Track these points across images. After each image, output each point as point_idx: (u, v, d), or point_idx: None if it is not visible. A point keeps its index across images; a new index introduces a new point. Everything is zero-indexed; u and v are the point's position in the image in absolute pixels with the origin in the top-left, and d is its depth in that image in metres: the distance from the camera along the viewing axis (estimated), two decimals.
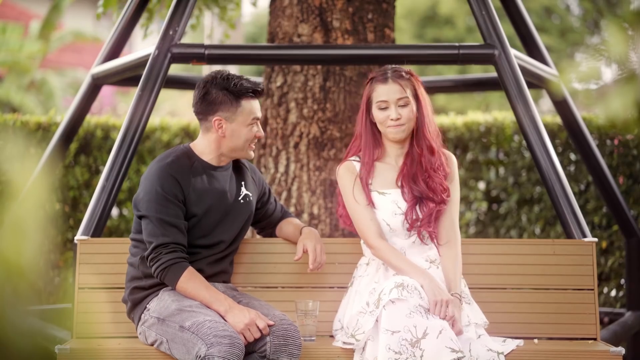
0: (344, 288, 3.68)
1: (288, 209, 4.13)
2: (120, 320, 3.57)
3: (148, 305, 3.38)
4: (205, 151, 3.46)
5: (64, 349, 3.35)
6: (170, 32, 4.22)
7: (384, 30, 4.98)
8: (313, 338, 3.49)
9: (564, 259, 3.71)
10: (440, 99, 17.68)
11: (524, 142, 6.05)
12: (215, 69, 3.54)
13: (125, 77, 4.87)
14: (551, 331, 3.68)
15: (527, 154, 6.26)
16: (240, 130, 3.42)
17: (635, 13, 1.70)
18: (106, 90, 13.20)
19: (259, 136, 3.47)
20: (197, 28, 6.19)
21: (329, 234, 4.82)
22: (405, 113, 3.49)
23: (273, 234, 3.76)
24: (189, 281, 3.29)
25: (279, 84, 4.97)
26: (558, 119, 6.02)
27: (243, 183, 3.55)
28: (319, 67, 4.88)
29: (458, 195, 3.58)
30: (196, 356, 3.11)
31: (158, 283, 3.37)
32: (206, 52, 4.21)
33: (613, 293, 5.86)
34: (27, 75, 13.89)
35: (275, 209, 3.72)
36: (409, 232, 3.49)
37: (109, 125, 6.37)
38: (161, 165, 3.37)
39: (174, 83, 5.68)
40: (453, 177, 3.58)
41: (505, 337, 3.47)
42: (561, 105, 5.09)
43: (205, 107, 3.41)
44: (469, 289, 3.56)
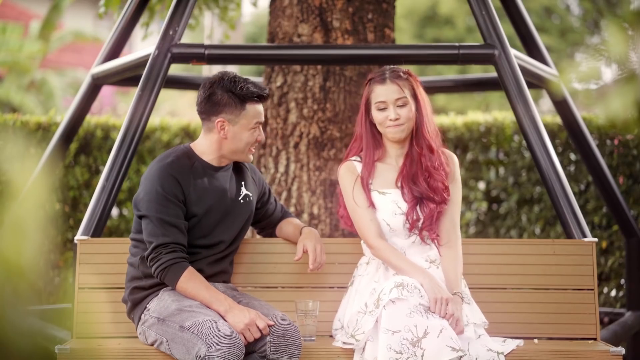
0: (344, 288, 3.68)
1: (288, 209, 4.13)
2: (120, 320, 3.57)
3: (148, 305, 3.38)
4: (206, 151, 3.46)
5: (64, 349, 3.35)
6: (170, 32, 4.22)
7: (384, 30, 4.98)
8: (313, 338, 3.49)
9: (564, 259, 3.71)
10: (440, 99, 17.68)
11: (524, 142, 6.05)
12: (215, 69, 3.53)
13: (125, 77, 4.87)
14: (551, 331, 3.68)
15: (527, 154, 6.26)
16: (242, 133, 3.41)
17: (635, 13, 1.70)
18: (106, 90, 13.20)
19: (260, 140, 3.47)
20: (197, 28, 6.19)
21: (329, 234, 4.82)
22: (404, 113, 3.49)
23: (273, 234, 3.76)
24: (189, 281, 3.29)
25: (279, 84, 4.97)
26: (558, 119, 6.02)
27: (243, 183, 3.55)
28: (319, 67, 4.88)
29: (459, 196, 3.58)
30: (196, 356, 3.11)
31: (158, 283, 3.37)
32: (206, 52, 4.21)
33: (613, 293, 5.86)
34: (27, 75, 13.89)
35: (276, 209, 3.72)
36: (409, 232, 3.49)
37: (109, 125, 6.37)
38: (161, 165, 3.37)
39: (174, 83, 5.68)
40: (454, 177, 3.58)
41: (505, 337, 3.47)
42: (561, 105, 5.09)
43: (210, 108, 3.41)
44: (469, 289, 3.56)
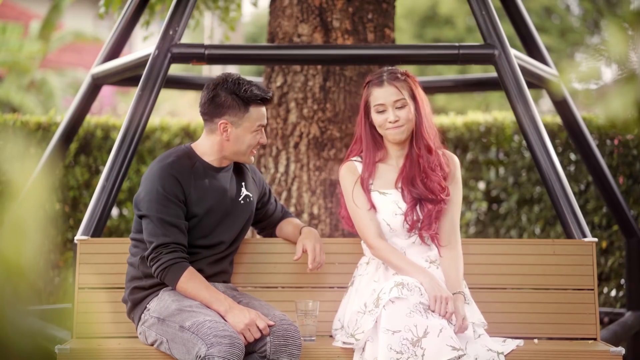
0: (344, 288, 3.68)
1: (288, 209, 4.13)
2: (120, 320, 3.57)
3: (148, 305, 3.38)
4: (207, 152, 3.46)
5: (64, 349, 3.35)
6: (170, 32, 4.22)
7: (384, 30, 4.98)
8: (313, 338, 3.49)
9: (564, 259, 3.71)
10: (440, 99, 17.68)
11: (524, 142, 6.05)
12: (215, 69, 3.54)
13: (125, 77, 4.87)
14: (551, 331, 3.68)
15: (527, 154, 6.26)
16: (244, 135, 3.42)
17: (635, 13, 1.70)
18: (106, 90, 13.20)
19: (262, 142, 3.47)
20: (197, 28, 6.19)
21: (329, 234, 4.82)
22: (403, 114, 3.49)
23: (273, 234, 3.76)
24: (189, 281, 3.29)
25: (279, 84, 4.97)
26: (558, 119, 6.02)
27: (243, 184, 3.55)
28: (319, 67, 4.88)
29: (459, 197, 3.58)
30: (196, 356, 3.11)
31: (158, 283, 3.37)
32: (206, 52, 4.21)
33: (613, 293, 5.86)
34: (27, 75, 13.89)
35: (276, 209, 3.72)
36: (409, 233, 3.50)
37: (109, 125, 6.37)
38: (162, 165, 3.37)
39: (174, 83, 5.68)
40: (453, 178, 3.57)
41: (505, 337, 3.47)
42: (561, 105, 5.09)
43: (213, 109, 3.41)
44: (469, 289, 3.56)
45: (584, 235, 3.80)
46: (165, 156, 3.42)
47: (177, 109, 16.72)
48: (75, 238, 3.75)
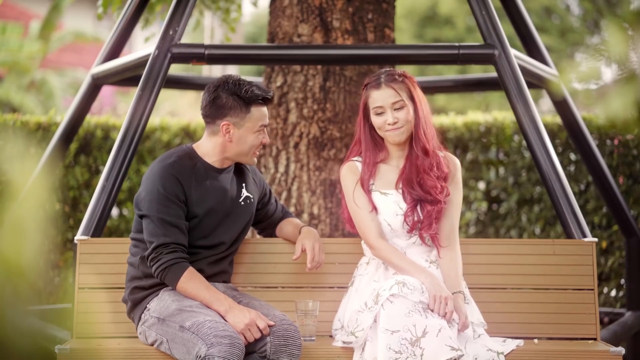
0: (344, 288, 3.68)
1: (288, 209, 4.13)
2: (120, 320, 3.57)
3: (148, 305, 3.38)
4: (209, 153, 3.46)
5: (64, 349, 3.35)
6: (170, 32, 4.22)
7: (384, 30, 4.98)
8: (313, 338, 3.49)
9: (564, 259, 3.71)
10: (440, 99, 17.68)
11: (524, 142, 6.05)
12: (215, 69, 3.54)
13: (125, 77, 4.87)
14: (551, 331, 3.68)
15: (527, 154, 6.26)
16: (247, 136, 3.42)
17: (635, 13, 1.70)
18: (106, 90, 13.20)
19: (265, 143, 3.47)
20: (197, 28, 6.19)
21: (329, 234, 4.82)
22: (401, 116, 3.49)
23: (273, 234, 3.76)
24: (189, 281, 3.29)
25: (279, 84, 4.97)
26: (558, 119, 6.02)
27: (244, 185, 3.55)
28: (319, 67, 4.88)
29: (460, 199, 3.58)
30: (196, 356, 3.11)
31: (158, 283, 3.37)
32: (206, 52, 4.21)
33: (613, 293, 5.86)
34: (27, 75, 13.89)
35: (276, 209, 3.72)
36: (409, 234, 3.50)
37: (109, 125, 6.37)
38: (163, 165, 3.37)
39: (174, 83, 5.68)
40: (453, 179, 3.57)
41: (505, 337, 3.47)
42: (561, 105, 5.09)
43: (215, 111, 3.41)
44: (469, 289, 3.56)
45: (584, 235, 3.80)
46: (167, 156, 3.42)
47: (177, 109, 16.72)
48: (75, 238, 3.75)
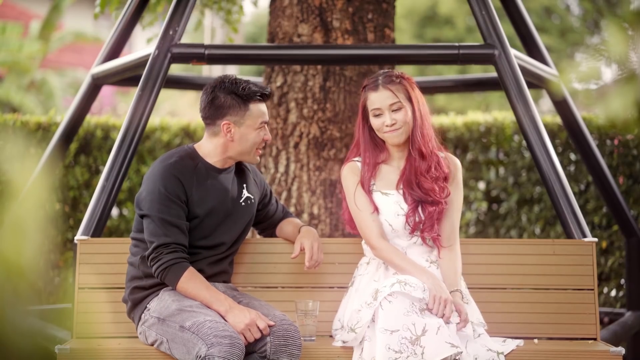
0: (344, 288, 3.68)
1: (289, 209, 4.13)
2: (120, 320, 3.57)
3: (148, 305, 3.38)
4: (210, 154, 3.45)
5: (64, 349, 3.35)
6: (170, 32, 4.22)
7: (384, 30, 4.98)
8: (313, 338, 3.49)
9: (564, 259, 3.71)
10: (440, 99, 17.68)
11: (524, 142, 6.05)
12: (215, 69, 3.54)
13: (125, 77, 4.87)
14: (551, 331, 3.68)
15: (527, 154, 6.26)
16: (248, 134, 3.42)
17: (635, 13, 1.70)
18: (106, 90, 13.20)
19: (267, 140, 3.47)
20: (198, 29, 6.19)
21: (329, 234, 4.82)
22: (399, 117, 3.49)
23: (274, 234, 3.76)
24: (190, 281, 3.29)
25: (279, 84, 4.97)
26: (558, 119, 6.02)
27: (245, 185, 3.55)
28: (319, 67, 4.88)
29: (460, 199, 3.58)
30: (196, 356, 3.11)
31: (158, 283, 3.37)
32: (206, 52, 4.21)
33: (613, 293, 5.86)
34: (27, 75, 13.89)
35: (277, 210, 3.73)
36: (411, 235, 3.50)
37: (109, 125, 6.37)
38: (165, 165, 3.37)
39: (174, 83, 5.68)
40: (454, 180, 3.57)
41: (505, 337, 3.47)
42: (561, 105, 5.09)
43: (214, 112, 3.41)
44: (469, 289, 3.56)
45: (584, 235, 3.80)
46: (168, 156, 3.42)
47: (177, 109, 16.72)
48: (75, 238, 3.75)
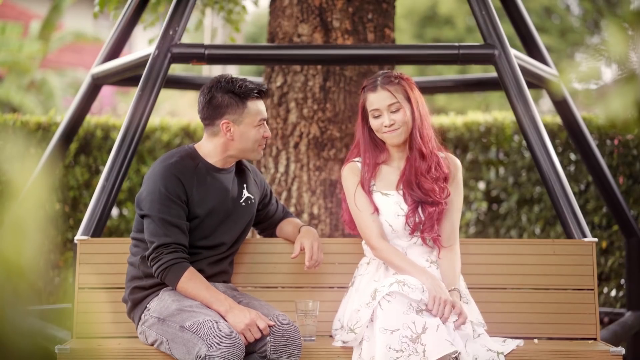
0: (344, 288, 3.68)
1: (289, 209, 4.13)
2: (120, 320, 3.57)
3: (148, 305, 3.38)
4: (210, 154, 3.45)
5: (64, 349, 3.35)
6: (170, 32, 4.22)
7: (384, 30, 4.98)
8: (313, 338, 3.49)
9: (564, 259, 3.71)
10: (440, 99, 17.68)
11: (524, 142, 6.05)
12: (215, 69, 3.54)
13: (125, 77, 4.87)
14: (551, 331, 3.68)
15: (527, 154, 6.26)
16: (248, 131, 3.42)
17: (635, 13, 1.70)
18: (106, 90, 13.20)
19: (267, 136, 3.47)
20: (199, 29, 6.19)
21: (329, 234, 4.82)
22: (398, 117, 3.49)
23: (274, 234, 3.76)
24: (190, 281, 3.29)
25: (279, 84, 4.97)
26: (558, 119, 6.02)
27: (245, 185, 3.55)
28: (319, 67, 4.88)
29: (460, 200, 3.57)
30: (196, 356, 3.11)
31: (158, 283, 3.37)
32: (206, 52, 4.21)
33: (613, 293, 5.86)
34: (27, 75, 13.89)
35: (277, 210, 3.73)
36: (411, 235, 3.50)
37: (109, 125, 6.37)
38: (165, 165, 3.37)
39: (174, 83, 5.68)
40: (454, 180, 3.57)
41: (505, 337, 3.47)
42: (561, 105, 5.09)
43: (212, 112, 3.41)
44: (469, 289, 3.56)
45: (584, 235, 3.80)
46: (169, 156, 3.42)
47: (177, 109, 16.72)
48: (75, 238, 3.75)
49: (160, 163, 3.39)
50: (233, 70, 16.69)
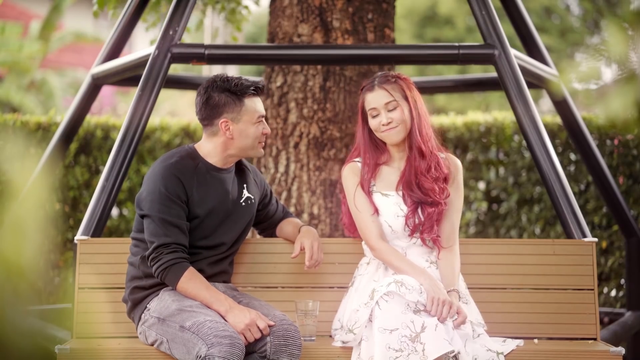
0: (344, 288, 3.68)
1: (289, 209, 4.13)
2: (120, 320, 3.57)
3: (148, 305, 3.38)
4: (210, 153, 3.45)
5: (64, 349, 3.35)
6: (170, 32, 4.22)
7: (384, 30, 4.98)
8: (313, 338, 3.49)
9: (564, 259, 3.71)
10: (440, 99, 17.69)
11: (524, 142, 6.05)
12: (215, 69, 3.55)
13: (125, 77, 4.87)
14: (551, 331, 3.68)
15: (527, 154, 6.26)
16: (247, 129, 3.42)
17: (635, 13, 1.70)
18: (106, 90, 13.20)
19: (267, 133, 3.48)
20: (200, 29, 6.18)
21: (329, 234, 4.82)
22: (395, 116, 3.49)
23: (274, 234, 3.76)
24: (190, 281, 3.29)
25: (279, 84, 4.97)
26: (558, 119, 6.02)
27: (245, 185, 3.55)
28: (319, 67, 4.88)
29: (460, 200, 3.57)
30: (196, 356, 3.11)
31: (158, 283, 3.37)
32: (206, 52, 4.21)
33: (613, 293, 5.86)
34: (27, 75, 13.90)
35: (277, 210, 3.72)
36: (410, 236, 3.50)
37: (109, 125, 6.37)
38: (165, 165, 3.37)
39: (174, 83, 5.68)
40: (454, 181, 3.56)
41: (505, 337, 3.47)
42: (561, 105, 5.09)
43: (210, 112, 3.41)
44: (469, 289, 3.56)
45: (584, 235, 3.80)
46: (169, 156, 3.42)
47: (177, 109, 16.71)
48: (75, 238, 3.75)
49: (160, 163, 3.39)
50: (233, 70, 16.70)
